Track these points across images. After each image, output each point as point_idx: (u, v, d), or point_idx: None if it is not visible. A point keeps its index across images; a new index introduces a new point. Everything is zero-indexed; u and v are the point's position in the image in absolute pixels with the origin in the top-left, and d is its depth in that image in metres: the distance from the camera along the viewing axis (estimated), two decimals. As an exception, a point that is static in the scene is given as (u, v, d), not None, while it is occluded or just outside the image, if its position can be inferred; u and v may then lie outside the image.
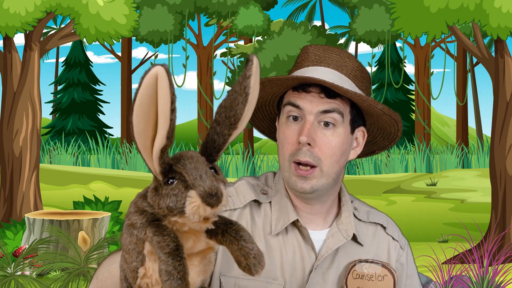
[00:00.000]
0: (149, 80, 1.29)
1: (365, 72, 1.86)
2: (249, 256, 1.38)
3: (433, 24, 9.73)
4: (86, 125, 31.85)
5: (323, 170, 1.78)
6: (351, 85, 1.82)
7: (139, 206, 1.40)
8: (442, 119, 42.85)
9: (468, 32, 19.14)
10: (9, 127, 11.21)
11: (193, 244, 1.40)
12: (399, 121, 1.86)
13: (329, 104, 1.78)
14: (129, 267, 1.42)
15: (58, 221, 8.11)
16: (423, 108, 26.79)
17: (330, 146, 1.78)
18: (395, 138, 1.91)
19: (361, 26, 19.60)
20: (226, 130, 1.40)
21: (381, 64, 32.59)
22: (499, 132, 10.10)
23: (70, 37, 11.61)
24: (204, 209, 1.31)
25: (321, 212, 1.86)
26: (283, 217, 1.83)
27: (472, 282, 6.67)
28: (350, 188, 6.16)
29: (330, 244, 1.84)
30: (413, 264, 1.97)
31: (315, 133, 1.77)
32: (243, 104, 1.39)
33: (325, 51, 1.85)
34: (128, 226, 1.40)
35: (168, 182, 1.34)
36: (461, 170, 20.59)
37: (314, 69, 1.82)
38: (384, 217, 1.95)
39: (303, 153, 1.77)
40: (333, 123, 1.79)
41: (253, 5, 20.20)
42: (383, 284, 1.83)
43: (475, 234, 9.55)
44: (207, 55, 25.18)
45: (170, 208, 1.33)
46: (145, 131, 1.31)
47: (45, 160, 23.66)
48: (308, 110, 1.78)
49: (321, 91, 1.78)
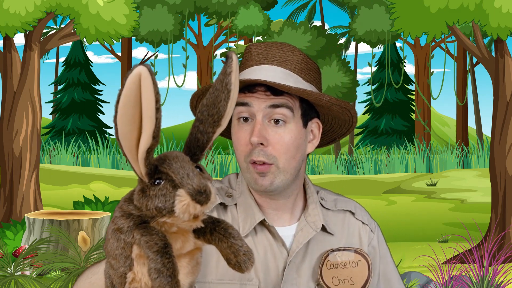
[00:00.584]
0: (132, 80, 1.29)
1: (311, 63, 1.85)
2: (239, 253, 1.38)
3: (433, 24, 9.73)
4: (86, 125, 31.86)
5: (279, 167, 1.78)
6: (297, 79, 1.81)
7: (125, 210, 1.39)
8: (442, 119, 42.87)
9: (468, 32, 19.14)
10: (9, 127, 11.22)
11: (182, 244, 1.39)
12: (350, 108, 1.84)
13: (276, 100, 1.78)
14: (116, 273, 1.40)
15: (58, 221, 8.11)
16: (423, 108, 26.80)
17: (283, 143, 1.78)
18: (352, 125, 1.90)
19: (361, 26, 19.61)
20: (210, 128, 1.39)
21: (381, 64, 32.60)
22: (499, 132, 10.10)
23: (70, 37, 11.61)
24: (194, 207, 1.30)
25: (287, 207, 1.86)
26: (249, 218, 1.83)
27: (472, 282, 6.67)
28: (350, 188, 6.19)
29: (300, 238, 1.84)
30: (385, 245, 1.98)
31: (266, 132, 1.77)
32: (225, 100, 1.39)
33: (268, 48, 1.84)
34: (114, 231, 1.39)
35: (155, 183, 1.33)
36: (461, 170, 20.59)
37: (258, 68, 1.82)
38: (352, 203, 1.96)
39: (256, 153, 1.77)
40: (283, 119, 1.78)
41: (253, 5, 20.20)
42: (358, 269, 1.84)
43: (475, 234, 9.55)
44: (207, 55, 25.19)
45: (159, 209, 1.32)
46: (130, 132, 1.30)
47: (45, 160, 23.66)
48: (257, 107, 1.78)
49: (266, 89, 1.78)
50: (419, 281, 7.03)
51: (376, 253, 1.94)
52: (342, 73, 19.45)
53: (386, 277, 1.96)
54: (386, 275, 1.96)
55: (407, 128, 32.01)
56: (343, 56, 19.94)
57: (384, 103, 30.98)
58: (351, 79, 19.61)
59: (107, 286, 1.45)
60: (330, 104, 1.82)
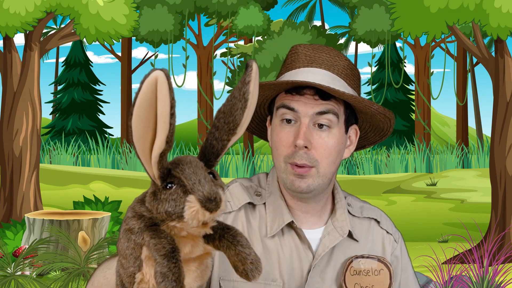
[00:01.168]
0: (148, 84, 1.29)
1: (355, 70, 1.86)
2: (246, 262, 1.38)
3: (433, 24, 9.73)
4: (86, 125, 31.85)
5: (319, 171, 1.79)
6: (343, 85, 1.82)
7: (137, 211, 1.39)
8: (442, 119, 42.86)
9: (468, 32, 19.14)
10: (9, 127, 11.21)
11: (191, 249, 1.40)
12: (392, 118, 1.85)
13: (323, 105, 1.78)
14: (126, 272, 1.41)
15: (58, 221, 8.11)
16: (423, 108, 26.79)
17: (326, 148, 1.78)
18: (387, 134, 1.91)
19: (361, 26, 19.61)
20: (225, 135, 1.40)
21: (381, 64, 32.59)
22: (499, 132, 10.10)
23: (70, 37, 11.61)
24: (203, 214, 1.31)
25: (315, 210, 1.86)
26: (278, 218, 1.83)
27: (472, 282, 6.67)
28: (350, 188, 6.21)
29: (327, 242, 1.84)
30: (407, 257, 1.98)
31: (311, 136, 1.77)
32: (242, 110, 1.39)
33: (315, 50, 1.84)
34: (125, 231, 1.39)
35: (167, 187, 1.33)
36: (461, 170, 20.58)
37: (306, 70, 1.82)
38: (378, 211, 1.96)
39: (299, 156, 1.77)
40: (328, 124, 1.79)
41: (253, 5, 20.20)
42: (380, 278, 1.84)
43: (475, 234, 9.55)
44: (207, 55, 25.18)
45: (169, 213, 1.32)
46: (145, 135, 1.31)
47: (45, 160, 23.66)
48: (304, 112, 1.78)
49: (315, 93, 1.78)
50: (419, 281, 7.02)
51: (399, 263, 1.94)
52: (342, 73, 19.44)
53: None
54: (406, 286, 1.96)
55: (407, 128, 32.00)
56: (343, 56, 19.88)
57: (384, 103, 30.97)
58: (351, 79, 19.59)
59: (117, 284, 1.46)
60: (377, 112, 1.83)
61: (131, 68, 28.20)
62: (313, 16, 37.00)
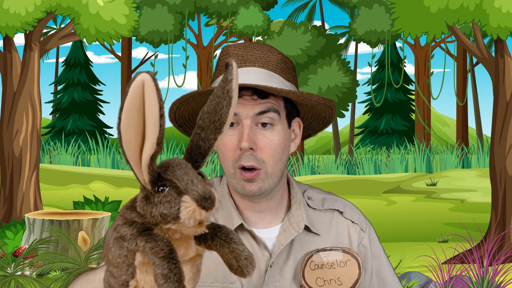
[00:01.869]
0: (135, 87, 1.28)
1: (289, 62, 1.85)
2: (240, 258, 1.38)
3: (433, 24, 9.73)
4: (86, 125, 31.86)
5: (267, 172, 1.78)
6: (279, 79, 1.81)
7: (127, 217, 1.38)
8: (442, 119, 42.87)
9: (468, 32, 19.14)
10: (9, 127, 11.22)
11: (185, 251, 1.39)
12: (333, 106, 1.84)
13: (263, 104, 1.77)
14: (118, 281, 1.40)
15: (58, 221, 8.11)
16: (423, 108, 26.79)
17: (272, 146, 1.78)
18: (330, 121, 1.90)
19: (361, 26, 19.61)
20: (211, 134, 1.39)
21: (381, 64, 32.60)
22: (499, 132, 10.10)
23: (70, 37, 11.61)
24: (200, 212, 1.30)
25: (270, 209, 1.85)
26: (228, 222, 1.83)
27: (472, 282, 6.67)
28: (350, 188, 6.17)
29: (282, 239, 1.83)
30: (379, 245, 1.95)
31: (255, 137, 1.77)
32: (227, 107, 1.39)
33: (246, 49, 1.83)
34: (117, 239, 1.38)
35: (159, 190, 1.33)
36: (461, 170, 20.59)
37: (240, 71, 1.80)
38: (341, 202, 1.93)
39: (246, 158, 1.76)
40: (271, 122, 1.78)
41: (253, 5, 20.20)
42: (347, 269, 1.81)
43: (475, 234, 9.56)
44: (207, 55, 25.19)
45: (164, 215, 1.31)
46: (134, 140, 1.30)
47: (45, 160, 23.66)
48: (244, 114, 1.77)
49: (253, 93, 1.77)
50: (419, 281, 7.03)
51: (368, 252, 1.91)
52: (342, 73, 19.45)
53: (380, 276, 1.93)
54: (380, 274, 1.93)
55: (407, 128, 32.00)
56: (343, 56, 19.93)
57: (384, 103, 30.99)
58: (351, 79, 19.61)
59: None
60: (317, 103, 1.82)
61: (131, 68, 28.21)
62: (313, 16, 36.99)
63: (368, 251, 1.91)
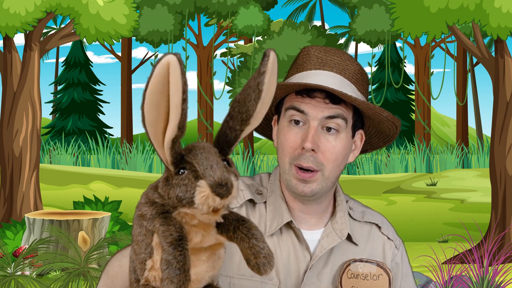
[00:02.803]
0: (161, 68, 1.28)
1: (365, 75, 1.86)
2: (259, 255, 1.37)
3: (433, 24, 9.72)
4: (86, 125, 31.84)
5: (324, 175, 1.79)
6: (353, 89, 1.82)
7: (150, 197, 1.38)
8: (442, 119, 42.84)
9: (468, 32, 19.13)
10: (9, 127, 11.21)
11: (202, 238, 1.39)
12: (399, 126, 1.86)
13: (333, 109, 1.78)
14: (138, 259, 1.40)
15: (58, 221, 8.11)
16: (423, 108, 26.79)
17: (333, 152, 1.79)
18: (391, 140, 1.92)
19: (361, 26, 19.60)
20: (238, 125, 1.39)
21: (381, 64, 32.59)
22: (499, 132, 10.10)
23: (70, 37, 11.61)
24: (213, 199, 1.29)
25: (316, 212, 1.86)
26: (277, 218, 1.83)
27: (472, 282, 6.67)
28: (350, 188, 6.17)
29: (325, 244, 1.84)
30: (408, 264, 1.97)
31: (319, 139, 1.77)
32: (255, 100, 1.38)
33: (327, 53, 1.84)
34: (138, 217, 1.39)
35: (179, 173, 1.33)
36: (461, 170, 20.58)
37: (317, 73, 1.81)
38: (379, 217, 1.95)
39: (306, 158, 1.77)
40: (337, 128, 1.79)
41: (253, 5, 20.19)
42: (378, 283, 1.83)
43: (475, 234, 9.55)
44: (207, 55, 25.18)
45: (180, 198, 1.31)
46: (157, 121, 1.30)
47: (45, 160, 23.65)
48: (313, 115, 1.77)
49: (326, 96, 1.78)
50: (419, 281, 7.03)
51: (399, 270, 1.93)
52: (342, 73, 19.42)
53: None
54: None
55: (407, 128, 31.99)
56: (343, 56, 19.86)
57: (384, 103, 30.97)
58: (351, 79, 19.58)
59: (130, 270, 1.45)
60: (386, 120, 1.83)
61: (131, 68, 28.20)
62: (313, 16, 36.99)
63: (399, 269, 1.94)
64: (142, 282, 1.41)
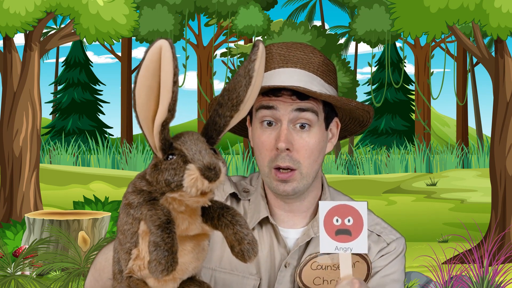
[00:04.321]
0: (153, 52, 1.30)
1: (331, 65, 1.86)
2: (243, 241, 1.38)
3: (433, 24, 9.73)
4: (86, 125, 31.85)
5: (302, 173, 1.79)
6: (320, 82, 1.81)
7: (137, 186, 1.40)
8: (442, 119, 42.86)
9: (468, 32, 19.13)
10: (9, 127, 11.21)
11: (188, 226, 1.40)
12: (371, 111, 1.86)
13: (303, 103, 1.78)
14: (123, 249, 1.41)
15: (58, 221, 8.11)
16: (423, 108, 26.79)
17: (308, 148, 1.79)
18: (367, 125, 1.91)
19: (361, 26, 19.60)
20: (228, 111, 1.41)
21: (381, 64, 32.59)
22: (499, 132, 10.10)
23: (70, 37, 11.61)
24: (202, 182, 1.31)
25: (300, 211, 1.86)
26: (255, 214, 1.85)
27: (472, 282, 6.67)
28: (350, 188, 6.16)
29: (300, 240, 1.84)
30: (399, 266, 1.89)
31: (292, 137, 1.77)
32: (246, 86, 1.41)
33: (289, 49, 1.83)
34: (125, 205, 1.40)
35: (168, 158, 1.35)
36: (461, 170, 20.58)
37: (281, 71, 1.80)
38: (375, 219, 1.91)
39: (282, 158, 1.77)
40: (309, 123, 1.79)
41: (253, 5, 20.19)
42: (354, 270, 1.75)
43: (475, 234, 9.55)
44: (207, 55, 25.18)
45: (168, 182, 1.33)
46: (147, 104, 1.32)
47: (45, 160, 23.65)
48: (283, 109, 1.77)
49: (292, 93, 1.78)
50: (419, 281, 7.03)
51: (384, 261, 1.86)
52: (342, 73, 19.45)
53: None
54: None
55: (407, 128, 31.99)
56: (343, 56, 19.93)
57: (384, 103, 30.98)
58: (351, 79, 19.61)
59: (114, 261, 1.46)
60: (355, 108, 1.83)
61: (131, 68, 28.20)
62: (313, 16, 36.98)
63: (384, 260, 1.87)
64: (125, 273, 1.42)
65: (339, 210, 1.64)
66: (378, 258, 1.87)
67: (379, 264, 1.87)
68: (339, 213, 1.64)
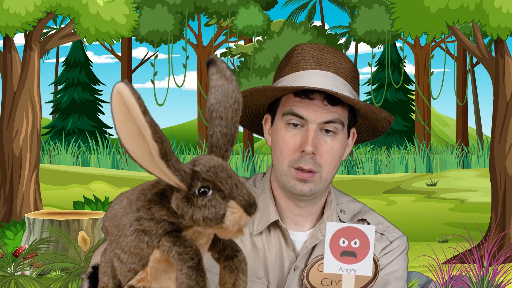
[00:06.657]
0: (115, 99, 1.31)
1: (357, 72, 1.85)
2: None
3: (433, 24, 9.72)
4: (86, 125, 31.84)
5: (322, 176, 1.79)
6: (349, 89, 1.81)
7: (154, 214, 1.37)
8: (442, 119, 42.84)
9: (468, 32, 19.13)
10: (9, 127, 11.21)
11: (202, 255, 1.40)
12: (392, 120, 1.86)
13: (331, 114, 1.78)
14: (125, 267, 1.40)
15: (58, 221, 8.11)
16: (423, 108, 26.79)
17: (331, 153, 1.79)
18: (379, 135, 1.92)
19: (361, 26, 19.60)
20: (233, 118, 1.44)
21: (381, 64, 32.58)
22: (499, 132, 10.10)
23: (70, 37, 11.60)
24: (246, 219, 1.31)
25: (310, 214, 1.86)
26: (264, 217, 1.84)
27: (472, 282, 6.67)
28: (350, 188, 6.17)
29: (308, 243, 1.84)
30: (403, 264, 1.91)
31: (318, 142, 1.78)
32: (237, 89, 1.48)
33: (322, 51, 1.82)
34: (138, 230, 1.37)
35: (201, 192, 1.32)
36: (461, 170, 20.58)
37: (314, 73, 1.80)
38: (373, 216, 1.92)
39: (306, 161, 1.78)
40: (335, 131, 1.79)
41: (253, 5, 20.19)
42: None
43: (475, 234, 9.55)
44: (207, 55, 25.18)
45: (208, 220, 1.31)
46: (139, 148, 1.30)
47: (45, 160, 23.65)
48: (312, 119, 1.77)
49: (324, 98, 1.77)
50: (419, 281, 7.02)
51: (388, 260, 1.89)
52: (342, 73, 19.42)
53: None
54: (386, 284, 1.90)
55: (407, 128, 31.98)
56: (343, 56, 19.85)
57: (384, 103, 30.96)
58: (351, 79, 19.59)
59: (104, 271, 1.44)
60: (382, 118, 1.83)
61: (131, 68, 28.19)
62: (313, 16, 36.98)
63: (387, 259, 1.89)
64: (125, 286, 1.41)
65: (347, 232, 1.63)
66: (382, 256, 1.89)
67: (382, 262, 1.88)
68: (346, 235, 1.64)
